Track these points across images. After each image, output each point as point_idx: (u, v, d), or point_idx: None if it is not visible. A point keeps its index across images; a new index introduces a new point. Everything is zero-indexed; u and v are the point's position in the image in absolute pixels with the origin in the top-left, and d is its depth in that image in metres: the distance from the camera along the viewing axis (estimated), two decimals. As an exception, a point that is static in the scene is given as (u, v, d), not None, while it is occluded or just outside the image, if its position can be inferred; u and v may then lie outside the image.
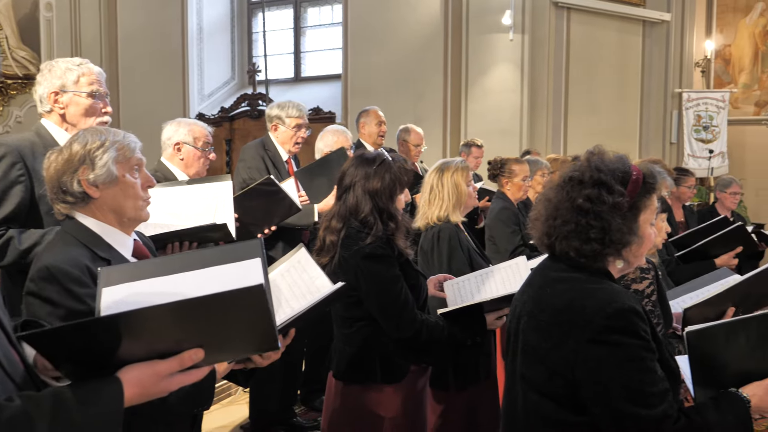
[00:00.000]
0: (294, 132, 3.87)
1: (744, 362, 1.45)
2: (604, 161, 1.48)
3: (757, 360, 1.44)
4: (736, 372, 1.44)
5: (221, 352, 1.29)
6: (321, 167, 3.73)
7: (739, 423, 1.38)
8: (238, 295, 1.12)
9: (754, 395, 1.42)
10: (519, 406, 1.51)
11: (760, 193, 9.51)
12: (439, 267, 2.78)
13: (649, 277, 2.10)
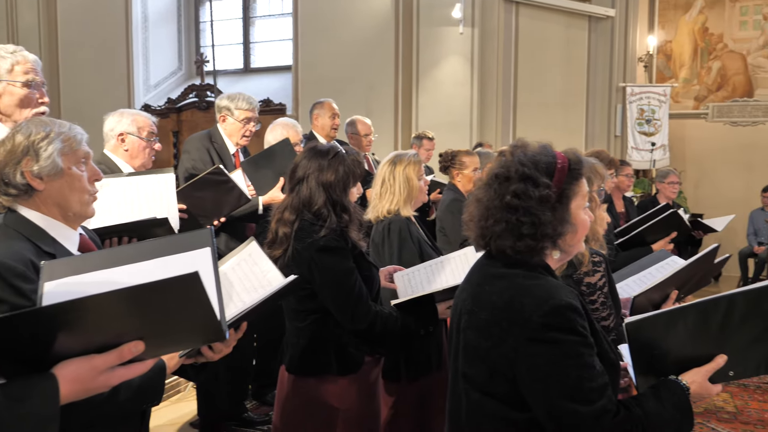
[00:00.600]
0: (243, 125, 3.78)
1: (683, 350, 1.47)
2: (528, 154, 1.46)
3: (695, 347, 1.47)
4: (676, 360, 1.47)
5: (164, 345, 1.25)
6: (265, 159, 3.66)
7: (678, 411, 1.39)
8: (173, 283, 1.09)
9: (694, 382, 1.44)
10: (462, 405, 1.49)
11: (699, 185, 9.88)
12: (390, 259, 2.79)
13: (601, 270, 2.14)
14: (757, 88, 9.74)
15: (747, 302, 1.45)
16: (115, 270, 1.39)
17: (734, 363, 1.47)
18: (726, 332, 1.46)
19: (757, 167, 9.53)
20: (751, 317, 1.46)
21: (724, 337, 1.46)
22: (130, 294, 1.08)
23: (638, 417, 1.33)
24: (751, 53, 9.76)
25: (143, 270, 1.39)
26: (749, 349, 1.48)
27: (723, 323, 1.45)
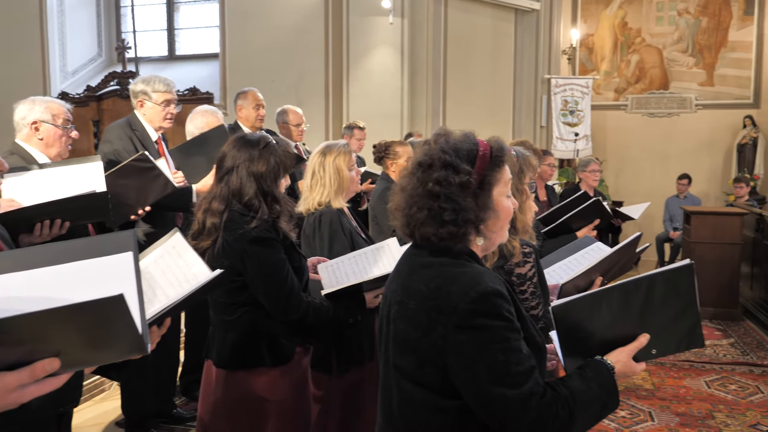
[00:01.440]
0: (162, 108, 3.62)
1: (608, 331, 1.51)
2: (450, 142, 1.46)
3: (619, 327, 1.51)
4: (602, 340, 1.51)
5: (81, 361, 1.19)
6: (198, 146, 3.54)
7: (604, 390, 1.42)
8: (96, 305, 1.04)
9: (618, 361, 1.47)
10: (394, 396, 1.49)
11: (619, 173, 10.30)
12: (321, 252, 2.76)
13: (531, 261, 2.19)
14: (673, 81, 10.23)
15: (666, 282, 1.52)
16: (29, 274, 1.30)
17: (656, 341, 1.53)
18: (647, 312, 1.51)
19: (672, 156, 10.01)
20: (670, 297, 1.52)
21: (646, 317, 1.52)
22: (48, 315, 1.02)
23: (565, 397, 1.36)
24: (666, 47, 10.22)
25: (61, 275, 1.31)
26: (669, 327, 1.55)
27: (644, 303, 1.51)
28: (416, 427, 1.44)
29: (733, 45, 9.94)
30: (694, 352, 5.44)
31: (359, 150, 6.00)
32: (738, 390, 4.63)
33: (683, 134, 10.08)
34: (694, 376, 4.88)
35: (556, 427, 1.34)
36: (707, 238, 6.61)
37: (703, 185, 9.86)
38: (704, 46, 10.06)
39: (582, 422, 1.38)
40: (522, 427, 1.33)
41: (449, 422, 1.40)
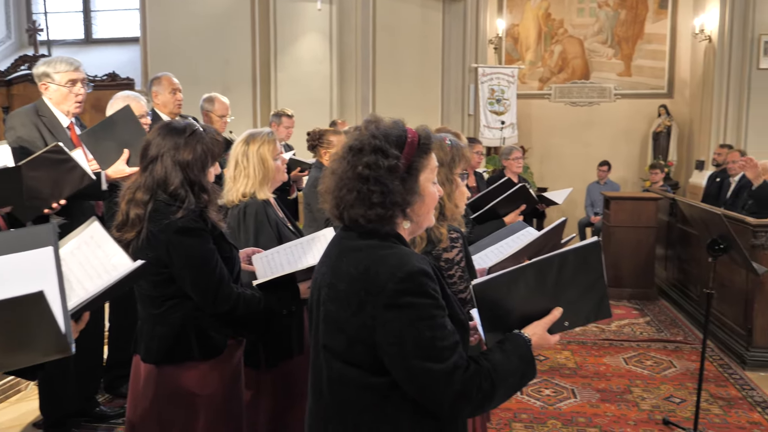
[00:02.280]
0: (68, 89, 3.40)
1: (525, 306, 1.61)
2: (380, 127, 1.53)
3: (535, 302, 1.61)
4: (519, 316, 1.61)
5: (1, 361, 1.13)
6: (106, 129, 3.34)
7: (522, 361, 1.51)
8: (14, 303, 0.99)
9: (534, 334, 1.57)
10: (324, 376, 1.53)
11: (543, 160, 10.61)
12: (246, 244, 2.69)
13: (458, 246, 2.23)
14: (593, 71, 10.60)
15: (576, 259, 1.62)
16: None
17: (568, 314, 1.63)
18: (560, 287, 1.62)
19: (593, 144, 10.40)
20: (580, 272, 1.63)
21: (559, 292, 1.62)
22: None
23: (487, 369, 1.44)
24: (587, 39, 10.57)
25: None
26: (580, 301, 1.65)
27: (557, 279, 1.61)
28: (346, 405, 1.49)
29: (648, 37, 10.38)
30: (615, 331, 5.70)
31: (287, 138, 5.92)
32: (653, 365, 4.88)
33: (603, 122, 10.48)
34: (614, 354, 5.11)
35: (479, 398, 1.42)
36: (625, 222, 6.91)
37: (622, 171, 10.29)
38: (622, 37, 10.46)
39: (503, 392, 1.47)
40: (447, 398, 1.40)
41: (378, 398, 1.46)
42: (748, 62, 8.62)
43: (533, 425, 3.88)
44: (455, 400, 1.40)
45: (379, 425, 1.46)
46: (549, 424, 3.90)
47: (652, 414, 4.04)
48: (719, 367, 4.82)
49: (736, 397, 4.29)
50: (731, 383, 4.51)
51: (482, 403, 1.44)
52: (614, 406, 4.14)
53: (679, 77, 10.33)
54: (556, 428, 3.84)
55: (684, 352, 5.16)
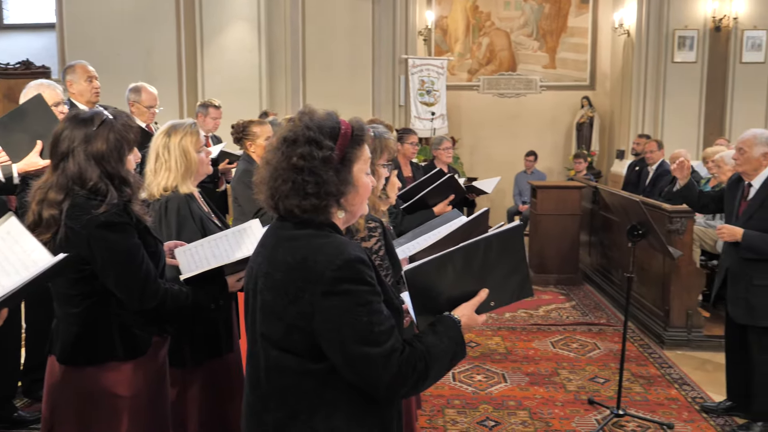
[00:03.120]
0: None
1: (453, 289, 1.67)
2: (314, 119, 1.56)
3: (463, 285, 1.68)
4: (448, 298, 1.67)
5: None
6: (16, 120, 3.16)
7: (453, 341, 1.57)
8: None
9: (463, 315, 1.63)
10: (261, 365, 1.55)
11: (473, 151, 10.80)
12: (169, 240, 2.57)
13: (376, 235, 2.24)
14: (520, 63, 10.85)
15: (500, 242, 1.69)
16: None
17: (494, 295, 1.71)
18: (486, 269, 1.69)
19: (520, 134, 10.66)
20: (504, 255, 1.71)
21: (485, 274, 1.69)
22: None
23: (421, 351, 1.50)
24: (513, 31, 10.81)
25: None
26: (504, 282, 1.73)
27: (483, 262, 1.68)
28: (285, 392, 1.51)
29: (571, 31, 10.71)
30: (542, 316, 5.89)
31: (215, 129, 5.79)
32: (579, 348, 5.07)
33: (530, 114, 10.76)
34: (542, 338, 5.28)
35: (415, 379, 1.48)
36: (551, 210, 7.13)
37: (548, 161, 10.61)
38: (547, 31, 10.75)
39: (436, 372, 1.54)
40: (385, 381, 1.45)
41: (316, 384, 1.49)
42: (664, 56, 9.03)
43: (465, 410, 3.97)
44: (392, 382, 1.45)
45: (318, 410, 1.50)
46: (481, 408, 3.99)
47: (578, 395, 4.20)
48: (640, 348, 5.05)
49: (655, 375, 4.51)
50: (651, 362, 4.74)
51: (417, 384, 1.49)
52: (543, 389, 4.28)
53: (600, 70, 10.71)
54: (488, 412, 3.94)
55: (607, 334, 5.38)
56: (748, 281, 3.62)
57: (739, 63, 8.95)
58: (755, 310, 3.60)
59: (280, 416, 1.52)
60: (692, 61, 8.99)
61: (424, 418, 3.83)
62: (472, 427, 3.75)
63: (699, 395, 4.17)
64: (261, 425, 1.55)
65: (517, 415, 3.90)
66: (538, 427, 3.75)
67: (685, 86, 9.03)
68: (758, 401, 3.67)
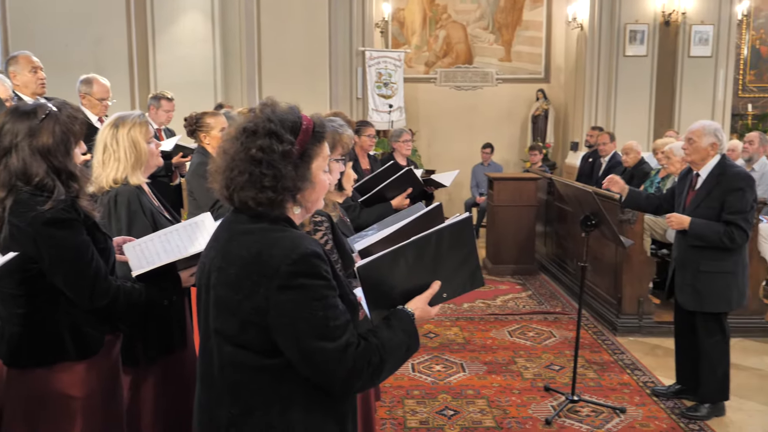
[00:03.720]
0: None
1: (406, 282, 1.68)
2: (276, 112, 1.53)
3: (415, 278, 1.69)
4: (402, 292, 1.68)
5: None
6: None
7: (407, 334, 1.58)
8: None
9: (417, 308, 1.64)
10: (215, 362, 1.53)
11: (431, 143, 10.85)
12: (119, 234, 2.52)
13: (323, 229, 2.24)
14: (476, 56, 10.94)
15: (451, 234, 1.71)
16: None
17: (446, 286, 1.72)
18: (438, 262, 1.70)
19: (477, 127, 10.76)
20: (455, 246, 1.72)
21: (437, 266, 1.70)
22: None
23: (376, 345, 1.50)
24: (470, 24, 10.88)
25: None
26: (456, 273, 1.75)
27: (435, 255, 1.69)
28: (239, 388, 1.50)
29: (526, 24, 10.84)
30: (499, 306, 5.97)
31: (168, 122, 5.67)
32: (535, 336, 5.16)
33: (486, 106, 10.86)
34: (499, 328, 5.36)
35: (370, 373, 1.48)
36: (508, 202, 7.23)
37: (504, 153, 10.74)
38: (502, 24, 10.86)
39: (390, 365, 1.54)
40: (340, 375, 1.45)
41: (271, 379, 1.48)
42: (616, 50, 9.22)
43: (425, 400, 4.00)
44: (347, 376, 1.45)
45: (273, 406, 1.49)
46: (440, 398, 4.03)
47: (535, 382, 4.28)
48: (593, 335, 5.18)
49: (608, 361, 4.63)
50: (604, 349, 4.86)
51: (372, 378, 1.50)
52: (500, 377, 4.35)
53: (555, 63, 10.88)
54: (447, 401, 3.98)
55: (562, 323, 5.49)
56: (695, 268, 3.74)
57: (688, 57, 9.20)
58: (702, 296, 3.73)
59: (234, 412, 1.50)
60: (643, 54, 9.21)
61: (383, 409, 3.84)
62: (432, 417, 3.78)
63: (650, 380, 4.30)
64: (214, 422, 1.53)
65: (475, 403, 3.96)
66: (496, 414, 3.81)
67: (636, 79, 9.24)
68: (705, 384, 3.80)
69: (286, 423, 1.48)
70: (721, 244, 3.63)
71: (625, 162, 6.74)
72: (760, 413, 3.86)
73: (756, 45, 10.71)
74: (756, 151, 6.24)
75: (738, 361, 4.39)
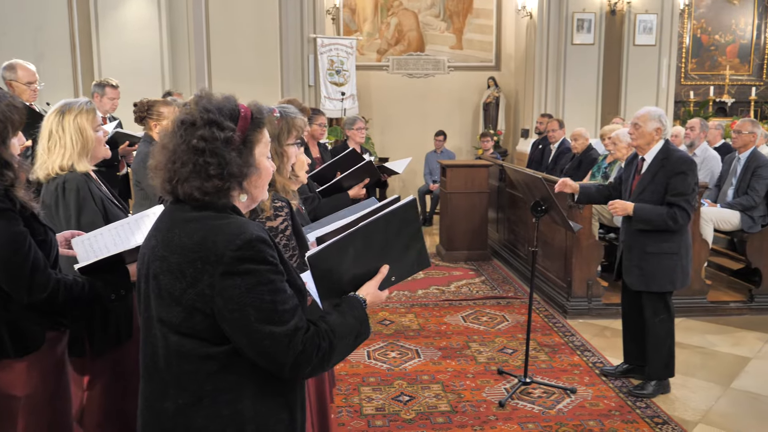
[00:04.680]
0: None
1: (356, 269, 1.67)
2: (212, 102, 1.53)
3: (364, 264, 1.68)
4: (352, 278, 1.66)
5: None
6: None
7: (357, 320, 1.59)
8: None
9: (368, 294, 1.67)
10: (159, 352, 1.51)
11: (384, 131, 10.86)
12: (67, 223, 2.47)
13: (283, 214, 2.22)
14: (428, 44, 10.97)
15: (397, 219, 1.73)
16: None
17: (395, 270, 1.75)
18: (386, 246, 1.72)
19: (429, 115, 10.81)
20: (402, 230, 1.75)
21: (385, 251, 1.73)
22: None
23: (325, 330, 1.51)
24: (421, 12, 10.89)
25: None
26: (403, 256, 1.78)
27: (383, 240, 1.71)
28: (186, 377, 1.48)
29: (477, 12, 10.92)
30: (453, 292, 6.04)
31: (113, 110, 5.51)
32: (488, 321, 5.24)
33: (438, 94, 10.92)
34: (453, 313, 5.42)
35: (319, 357, 1.48)
36: (460, 189, 7.29)
37: (457, 140, 10.83)
38: (453, 12, 10.91)
39: (340, 351, 1.55)
40: (289, 359, 1.44)
41: (219, 367, 1.47)
42: (564, 38, 9.38)
43: (381, 387, 4.02)
44: (297, 361, 1.45)
45: (221, 394, 1.47)
46: (395, 384, 4.06)
47: (488, 366, 4.35)
48: (545, 318, 5.29)
49: (559, 343, 4.74)
50: (555, 331, 4.98)
51: (321, 363, 1.50)
52: (455, 362, 4.40)
53: (505, 51, 11.00)
54: (402, 387, 4.01)
55: (515, 307, 5.59)
56: (641, 250, 3.85)
57: (633, 45, 9.43)
58: (648, 276, 3.85)
59: (181, 403, 1.48)
60: (590, 43, 9.40)
61: (339, 397, 3.85)
62: (388, 403, 3.81)
63: (599, 360, 4.42)
64: (161, 414, 1.51)
65: (430, 388, 4.00)
66: (451, 399, 3.86)
67: (583, 67, 9.43)
68: (651, 362, 3.94)
69: (235, 411, 1.48)
70: (666, 226, 3.75)
71: (574, 148, 6.88)
72: (702, 389, 4.02)
73: (697, 34, 11.05)
74: (697, 136, 6.45)
75: (682, 340, 4.56)
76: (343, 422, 3.57)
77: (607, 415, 3.66)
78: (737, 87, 11.02)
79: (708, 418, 3.66)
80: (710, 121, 7.83)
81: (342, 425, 3.53)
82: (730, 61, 11.07)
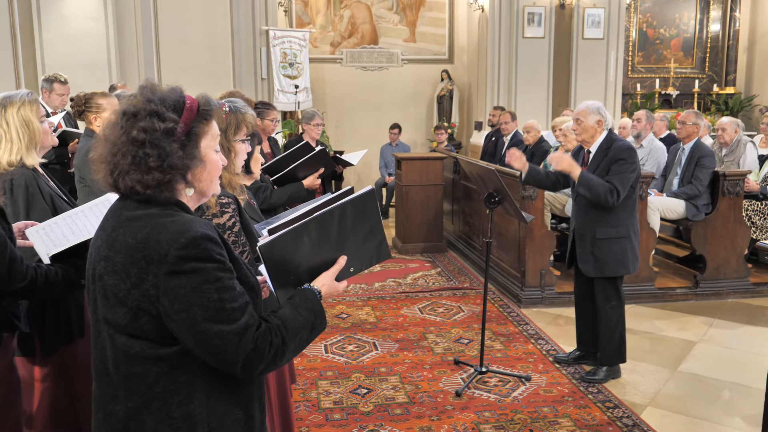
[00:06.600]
0: None
1: (311, 259, 1.64)
2: (156, 92, 1.49)
3: (320, 254, 1.65)
4: (307, 269, 1.63)
5: None
6: None
7: (311, 313, 1.56)
8: None
9: (324, 285, 1.63)
10: (108, 353, 1.48)
11: (339, 124, 10.82)
12: (16, 219, 2.39)
13: (230, 211, 2.19)
14: (381, 37, 10.95)
15: (354, 208, 1.70)
16: None
17: (353, 261, 1.72)
18: (343, 237, 1.69)
19: (384, 107, 10.82)
20: (360, 220, 1.72)
21: (342, 241, 1.70)
22: None
23: (277, 326, 1.48)
24: (374, 4, 10.86)
25: None
26: (362, 247, 1.75)
27: (339, 230, 1.68)
28: (135, 380, 1.44)
29: (430, 5, 10.96)
30: (410, 284, 6.07)
31: (62, 105, 5.35)
32: (445, 312, 5.30)
33: (392, 87, 10.93)
34: (410, 305, 5.46)
35: (272, 354, 1.45)
36: (416, 181, 7.33)
37: (411, 133, 10.87)
38: (406, 4, 10.92)
39: (294, 346, 1.51)
40: (241, 358, 1.41)
41: (168, 368, 1.44)
42: (515, 31, 9.50)
43: (338, 380, 4.02)
44: (249, 359, 1.42)
45: (173, 396, 1.44)
46: (353, 377, 4.06)
47: (445, 356, 4.39)
48: (500, 308, 5.37)
49: (514, 332, 4.82)
50: (510, 320, 5.06)
51: (275, 359, 1.46)
52: (412, 353, 4.44)
53: (458, 44, 11.08)
54: (360, 380, 4.02)
55: (470, 298, 5.66)
56: (592, 236, 3.95)
57: (582, 39, 9.62)
58: (601, 262, 3.95)
59: (131, 406, 1.44)
60: (540, 36, 9.54)
61: (297, 392, 3.84)
62: (346, 397, 3.81)
63: (552, 348, 4.52)
64: (111, 417, 1.47)
65: (388, 380, 4.02)
66: (408, 390, 3.89)
67: (535, 60, 9.57)
68: (604, 348, 4.05)
69: (188, 412, 1.44)
70: (603, 199, 3.81)
71: (526, 140, 6.98)
72: (651, 373, 4.15)
73: (643, 28, 11.34)
74: (643, 128, 6.64)
75: (631, 326, 4.69)
76: (300, 417, 3.56)
77: (561, 401, 3.75)
78: (681, 79, 11.37)
79: (657, 401, 3.78)
80: (656, 112, 8.06)
81: (300, 420, 3.52)
82: (675, 54, 11.40)
